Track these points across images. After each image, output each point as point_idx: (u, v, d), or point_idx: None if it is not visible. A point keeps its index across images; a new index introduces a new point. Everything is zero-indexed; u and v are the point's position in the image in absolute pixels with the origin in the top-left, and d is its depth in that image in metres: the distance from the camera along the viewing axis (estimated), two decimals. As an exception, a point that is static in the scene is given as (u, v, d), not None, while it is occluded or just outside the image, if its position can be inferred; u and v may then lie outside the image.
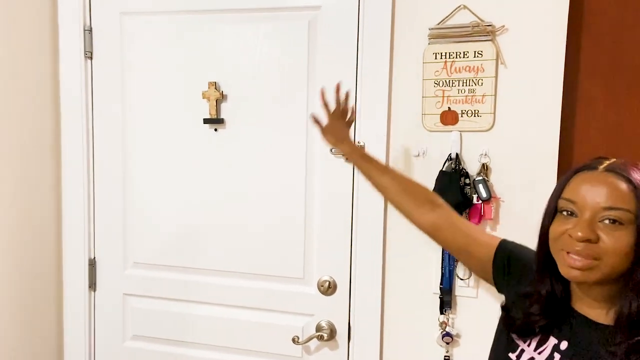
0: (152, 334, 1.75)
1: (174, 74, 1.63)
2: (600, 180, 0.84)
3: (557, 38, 1.33)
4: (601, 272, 0.82)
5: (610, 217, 0.81)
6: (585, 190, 0.84)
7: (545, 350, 0.92)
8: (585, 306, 0.90)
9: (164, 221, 1.69)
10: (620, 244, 0.80)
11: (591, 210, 0.82)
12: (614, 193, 0.82)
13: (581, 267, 0.83)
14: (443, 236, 1.15)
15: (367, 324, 1.52)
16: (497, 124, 1.38)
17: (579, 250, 0.82)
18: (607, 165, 0.85)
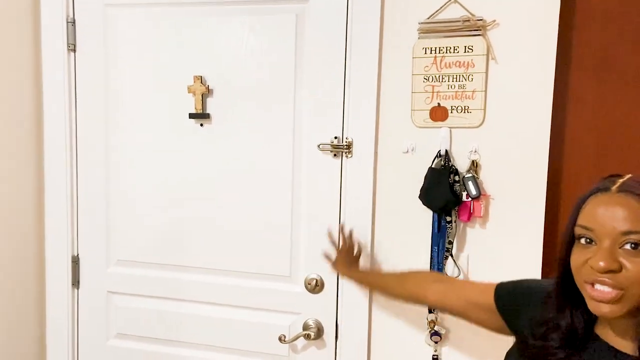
0: (136, 332, 1.71)
1: (159, 67, 1.59)
2: (616, 202, 0.78)
3: (549, 34, 1.31)
4: (629, 303, 0.77)
5: (631, 241, 0.76)
6: (601, 215, 0.79)
7: None
8: (610, 334, 0.84)
9: (148, 218, 1.66)
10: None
11: (610, 236, 0.77)
12: (632, 216, 0.76)
13: (609, 300, 0.77)
14: (449, 301, 1.13)
15: (355, 323, 1.50)
16: (487, 120, 1.36)
17: (603, 280, 0.77)
18: (620, 185, 0.80)
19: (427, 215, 1.40)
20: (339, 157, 1.47)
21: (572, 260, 0.82)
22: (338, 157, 1.47)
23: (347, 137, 1.45)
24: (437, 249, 1.39)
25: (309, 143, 1.49)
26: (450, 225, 1.38)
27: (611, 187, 0.80)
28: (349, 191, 1.47)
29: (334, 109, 1.46)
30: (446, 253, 1.39)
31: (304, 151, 1.50)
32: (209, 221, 1.60)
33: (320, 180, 1.50)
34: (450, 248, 1.39)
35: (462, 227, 1.40)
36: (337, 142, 1.46)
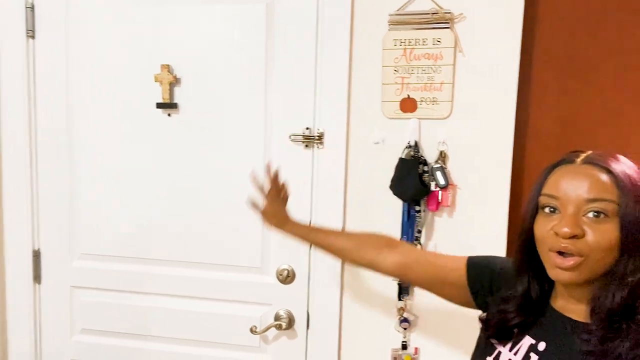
0: (103, 327, 1.68)
1: (125, 55, 1.55)
2: (581, 172, 0.81)
3: (513, 28, 1.35)
4: (588, 270, 0.80)
5: (594, 209, 0.79)
6: (566, 184, 0.81)
7: (520, 350, 0.90)
8: (565, 305, 0.88)
9: (113, 211, 1.62)
10: (606, 237, 0.78)
11: (574, 204, 0.80)
12: (596, 184, 0.79)
13: (568, 267, 0.80)
14: (412, 274, 1.10)
15: (326, 312, 1.52)
16: (454, 112, 1.39)
17: (567, 247, 0.79)
18: (585, 158, 0.83)
19: (397, 204, 1.43)
20: (311, 148, 1.47)
21: (537, 229, 0.85)
22: (309, 148, 1.47)
23: (318, 128, 1.45)
24: (407, 238, 1.42)
25: (280, 133, 1.48)
26: (419, 214, 1.41)
27: (576, 159, 0.84)
28: (321, 181, 1.47)
29: (305, 100, 1.46)
30: (415, 242, 1.42)
31: (275, 142, 1.50)
32: (177, 213, 1.58)
33: (291, 171, 1.49)
34: (419, 237, 1.42)
35: (430, 216, 1.43)
36: (309, 133, 1.46)
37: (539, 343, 0.88)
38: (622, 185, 0.79)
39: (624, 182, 0.79)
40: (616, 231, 0.78)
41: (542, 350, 0.87)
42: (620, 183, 0.79)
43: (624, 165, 0.82)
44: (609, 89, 1.40)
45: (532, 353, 0.87)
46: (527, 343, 0.89)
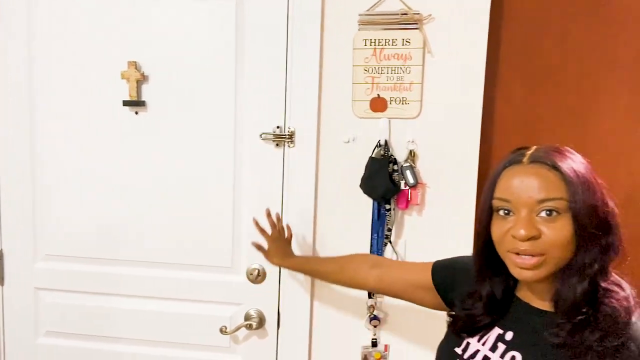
0: (68, 329, 1.64)
1: (90, 50, 1.51)
2: (529, 172, 0.83)
3: (480, 30, 1.37)
4: (549, 266, 0.82)
5: (546, 208, 0.81)
6: (516, 186, 0.83)
7: (488, 340, 0.92)
8: (530, 295, 0.90)
9: (78, 211, 1.58)
10: (561, 234, 0.80)
11: (526, 206, 0.82)
12: (545, 184, 0.81)
13: (531, 266, 0.82)
14: (389, 285, 1.17)
15: (297, 311, 1.52)
16: (423, 111, 1.41)
17: (526, 249, 0.81)
18: (530, 156, 0.85)
19: (367, 203, 1.44)
20: (281, 147, 1.47)
21: (493, 231, 0.87)
22: (280, 147, 1.47)
23: (289, 127, 1.45)
24: (377, 236, 1.43)
25: (251, 132, 1.48)
26: (389, 213, 1.42)
27: (522, 159, 0.85)
28: (291, 180, 1.47)
29: (276, 98, 1.46)
30: (385, 240, 1.43)
31: (245, 140, 1.49)
32: (145, 213, 1.56)
33: (262, 170, 1.49)
34: (389, 235, 1.43)
35: (400, 214, 1.45)
36: (280, 132, 1.46)
37: (507, 333, 0.90)
38: (569, 180, 0.81)
39: (571, 177, 0.81)
40: (570, 226, 0.80)
41: (509, 339, 0.89)
42: (567, 179, 0.81)
43: (569, 159, 0.84)
44: (572, 89, 1.44)
45: (500, 343, 0.89)
46: (495, 333, 0.91)
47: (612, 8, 1.41)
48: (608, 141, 1.44)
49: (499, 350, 0.89)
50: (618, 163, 1.45)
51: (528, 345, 0.86)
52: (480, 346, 0.92)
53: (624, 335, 0.77)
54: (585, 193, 0.81)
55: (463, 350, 0.94)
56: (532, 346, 0.86)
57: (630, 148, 1.44)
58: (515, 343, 0.88)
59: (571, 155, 0.86)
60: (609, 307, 0.79)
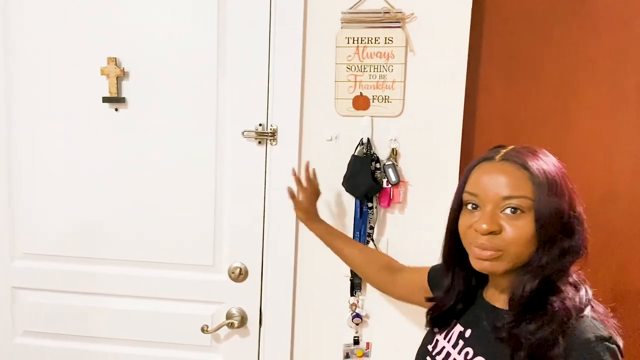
0: (47, 329, 1.62)
1: (69, 46, 1.49)
2: (498, 170, 0.86)
3: (461, 29, 1.38)
4: (507, 262, 0.85)
5: (510, 205, 0.83)
6: (485, 182, 0.86)
7: (452, 337, 0.96)
8: (493, 294, 0.93)
9: (57, 209, 1.55)
10: (522, 232, 0.83)
11: (492, 201, 0.84)
12: (512, 182, 0.84)
13: (487, 257, 0.85)
14: (393, 289, 1.26)
15: (279, 310, 1.52)
16: (406, 110, 1.41)
17: (484, 243, 0.84)
18: (503, 154, 0.87)
19: (349, 201, 1.44)
20: (264, 144, 1.46)
21: (460, 224, 0.91)
22: (262, 144, 1.46)
23: (271, 124, 1.44)
24: (359, 234, 1.43)
25: (233, 130, 1.47)
26: (371, 211, 1.42)
27: (495, 156, 0.88)
28: (274, 178, 1.47)
29: (258, 96, 1.45)
30: (368, 238, 1.43)
31: (227, 138, 1.48)
32: (125, 211, 1.54)
33: (244, 168, 1.48)
34: (371, 233, 1.43)
35: (382, 212, 1.45)
36: (262, 129, 1.45)
37: (467, 330, 0.94)
38: (537, 181, 0.83)
39: (539, 177, 0.83)
40: (531, 225, 0.83)
41: (467, 337, 0.93)
42: (535, 179, 0.83)
43: (541, 160, 0.86)
44: (552, 88, 1.46)
45: (460, 340, 0.94)
46: (457, 330, 0.96)
47: (591, 8, 1.43)
48: (587, 139, 1.46)
49: (458, 347, 0.93)
50: (597, 161, 1.47)
51: (481, 341, 0.90)
52: (445, 343, 0.97)
53: (556, 331, 0.79)
54: (552, 195, 0.83)
55: (433, 348, 0.99)
56: (484, 342, 0.89)
57: (609, 146, 1.46)
58: (471, 340, 0.92)
59: (544, 157, 0.87)
60: (554, 305, 0.81)
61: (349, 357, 1.50)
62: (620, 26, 1.42)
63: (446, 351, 0.95)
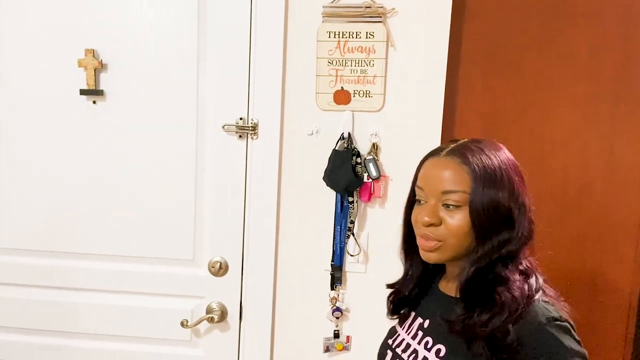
0: (21, 324, 1.59)
1: (45, 37, 1.46)
2: (441, 165, 0.90)
3: (442, 25, 1.39)
4: (448, 252, 0.89)
5: (448, 200, 0.87)
6: (429, 176, 0.91)
7: (412, 329, 0.99)
8: (446, 284, 0.98)
9: (34, 203, 1.53)
10: (458, 225, 0.87)
11: (434, 195, 0.89)
12: (452, 177, 0.88)
13: (430, 248, 0.90)
14: None
15: (259, 304, 1.52)
16: (386, 104, 1.42)
17: (426, 234, 0.89)
18: (449, 149, 0.91)
19: (330, 195, 1.44)
20: (244, 139, 1.46)
21: (412, 216, 0.95)
22: (243, 139, 1.46)
23: (252, 118, 1.44)
24: (340, 229, 1.44)
25: (214, 123, 1.45)
26: (352, 205, 1.43)
27: (441, 152, 0.92)
28: (255, 173, 1.46)
29: (239, 89, 1.44)
30: (348, 232, 1.44)
31: (207, 132, 1.47)
32: (104, 205, 1.52)
33: (224, 162, 1.47)
34: (352, 227, 1.44)
35: (363, 207, 1.46)
36: (243, 123, 1.44)
37: (425, 321, 0.98)
38: (475, 175, 0.86)
39: (477, 172, 0.86)
40: (467, 217, 0.86)
41: (426, 327, 0.97)
42: (473, 174, 0.86)
43: (484, 154, 0.88)
44: (530, 83, 1.48)
45: (420, 331, 0.97)
46: (417, 322, 0.99)
47: (568, 3, 1.45)
48: (564, 132, 1.49)
49: (418, 337, 0.96)
50: (574, 154, 1.50)
51: (439, 330, 0.93)
52: (405, 335, 1.00)
53: (507, 321, 0.82)
54: (488, 188, 0.86)
55: (393, 341, 1.02)
56: (442, 330, 0.91)
57: (586, 139, 1.49)
58: (429, 329, 0.96)
59: (491, 150, 0.90)
60: (501, 295, 0.84)
61: (329, 351, 1.51)
62: (596, 21, 1.45)
63: (406, 342, 0.98)
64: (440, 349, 0.90)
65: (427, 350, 0.92)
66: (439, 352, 0.90)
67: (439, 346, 0.91)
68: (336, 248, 1.45)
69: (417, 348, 0.95)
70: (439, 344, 0.91)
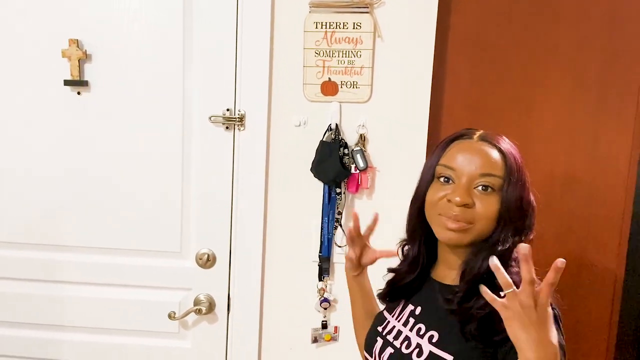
0: (9, 318, 1.58)
1: (28, 27, 1.43)
2: (476, 148, 0.90)
3: (429, 16, 1.39)
4: (473, 235, 0.89)
5: (484, 183, 0.88)
6: (462, 157, 0.90)
7: (403, 316, 0.99)
8: (440, 272, 0.97)
9: (18, 195, 1.51)
10: (491, 209, 0.87)
11: (468, 176, 0.88)
12: (489, 161, 0.89)
13: (457, 229, 0.88)
14: None
15: (247, 295, 1.52)
16: (374, 95, 1.42)
17: (456, 215, 0.87)
18: (480, 135, 0.93)
19: (318, 187, 1.44)
20: (231, 130, 1.45)
21: (429, 195, 0.93)
22: (230, 130, 1.45)
23: (239, 110, 1.43)
24: (328, 220, 1.44)
25: (200, 115, 1.44)
26: (339, 196, 1.43)
27: (473, 136, 0.93)
28: (242, 164, 1.45)
29: (225, 80, 1.43)
30: (336, 223, 1.44)
31: (194, 123, 1.46)
32: (90, 197, 1.50)
33: (211, 153, 1.47)
34: (339, 218, 1.44)
35: (350, 198, 1.46)
36: (229, 114, 1.43)
37: (417, 308, 0.98)
38: (509, 163, 0.89)
39: (511, 160, 0.89)
40: (498, 204, 0.88)
41: (417, 314, 0.97)
42: (508, 161, 0.89)
43: (509, 145, 0.92)
44: (516, 76, 1.49)
45: (411, 318, 0.97)
46: (408, 310, 0.99)
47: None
48: (549, 125, 1.50)
49: (409, 324, 0.96)
50: (558, 146, 1.51)
51: (432, 317, 0.93)
52: (396, 322, 1.00)
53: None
54: (518, 178, 0.89)
55: (383, 328, 1.02)
56: (435, 317, 0.92)
57: (571, 133, 1.50)
58: (421, 316, 0.96)
59: (509, 142, 0.93)
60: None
61: (317, 341, 1.52)
62: (581, 15, 1.46)
63: (397, 329, 0.98)
64: (433, 335, 0.91)
65: (419, 336, 0.93)
66: (432, 338, 0.91)
67: (432, 332, 0.91)
68: (324, 239, 1.45)
69: (409, 335, 0.95)
70: (432, 330, 0.92)
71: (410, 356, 0.92)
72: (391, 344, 0.98)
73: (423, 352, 0.90)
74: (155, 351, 1.57)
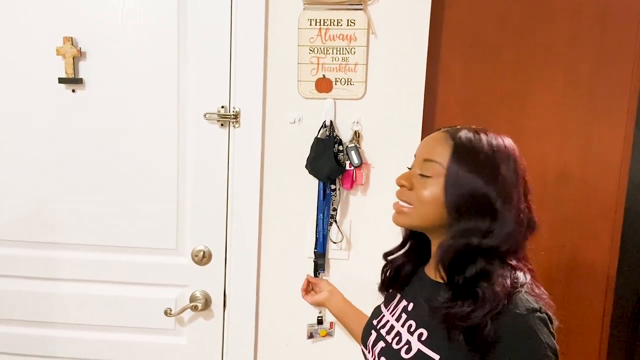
0: (4, 315, 1.58)
1: (22, 24, 1.43)
2: (432, 137, 0.95)
3: (422, 13, 1.39)
4: (416, 219, 0.93)
5: (422, 167, 0.92)
6: (420, 145, 0.98)
7: (396, 311, 1.01)
8: (430, 268, 0.99)
9: (13, 192, 1.51)
10: (428, 194, 0.90)
11: (416, 161, 0.96)
12: (435, 148, 0.92)
13: (396, 209, 0.96)
14: None
15: (243, 292, 1.52)
16: (368, 92, 1.42)
17: (399, 195, 0.96)
18: (450, 127, 0.95)
19: (313, 183, 1.45)
20: (226, 127, 1.45)
21: None
22: (225, 127, 1.45)
23: (234, 107, 1.43)
24: (323, 216, 1.45)
25: (195, 112, 1.45)
26: (334, 193, 1.44)
27: (442, 128, 0.97)
28: (237, 161, 1.46)
29: (220, 77, 1.43)
30: (331, 220, 1.45)
31: (189, 120, 1.46)
32: (85, 194, 1.50)
33: (206, 151, 1.47)
34: (334, 215, 1.45)
35: (345, 194, 1.47)
36: (224, 112, 1.44)
37: (409, 304, 0.99)
38: (458, 152, 0.88)
39: (461, 150, 0.88)
40: (439, 191, 0.89)
41: (410, 310, 0.98)
42: (456, 149, 0.89)
43: (481, 142, 0.89)
44: (510, 72, 1.50)
45: (404, 313, 0.99)
46: (401, 305, 1.01)
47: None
48: (542, 121, 1.51)
49: (401, 320, 0.98)
50: (552, 143, 1.52)
51: (422, 315, 0.94)
52: (390, 317, 1.02)
53: (487, 315, 0.82)
54: (472, 172, 0.87)
55: (378, 322, 1.04)
56: (425, 314, 0.93)
57: (564, 129, 1.51)
58: (413, 313, 0.97)
59: (489, 137, 0.90)
60: (484, 291, 0.83)
61: (312, 337, 1.52)
62: (575, 12, 1.47)
63: (390, 324, 1.00)
64: (422, 333, 0.92)
65: (409, 333, 0.94)
66: (421, 336, 0.91)
67: (421, 330, 0.92)
68: (319, 235, 1.46)
69: (400, 330, 0.96)
70: (421, 328, 0.93)
71: (399, 352, 0.93)
72: (383, 338, 0.99)
73: (412, 349, 0.91)
74: (151, 348, 1.58)
